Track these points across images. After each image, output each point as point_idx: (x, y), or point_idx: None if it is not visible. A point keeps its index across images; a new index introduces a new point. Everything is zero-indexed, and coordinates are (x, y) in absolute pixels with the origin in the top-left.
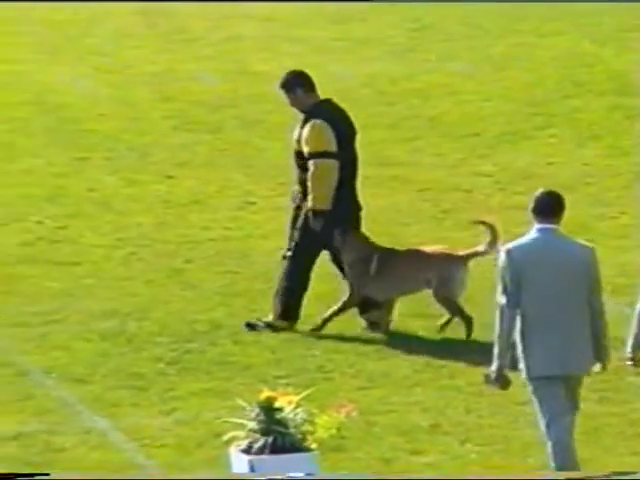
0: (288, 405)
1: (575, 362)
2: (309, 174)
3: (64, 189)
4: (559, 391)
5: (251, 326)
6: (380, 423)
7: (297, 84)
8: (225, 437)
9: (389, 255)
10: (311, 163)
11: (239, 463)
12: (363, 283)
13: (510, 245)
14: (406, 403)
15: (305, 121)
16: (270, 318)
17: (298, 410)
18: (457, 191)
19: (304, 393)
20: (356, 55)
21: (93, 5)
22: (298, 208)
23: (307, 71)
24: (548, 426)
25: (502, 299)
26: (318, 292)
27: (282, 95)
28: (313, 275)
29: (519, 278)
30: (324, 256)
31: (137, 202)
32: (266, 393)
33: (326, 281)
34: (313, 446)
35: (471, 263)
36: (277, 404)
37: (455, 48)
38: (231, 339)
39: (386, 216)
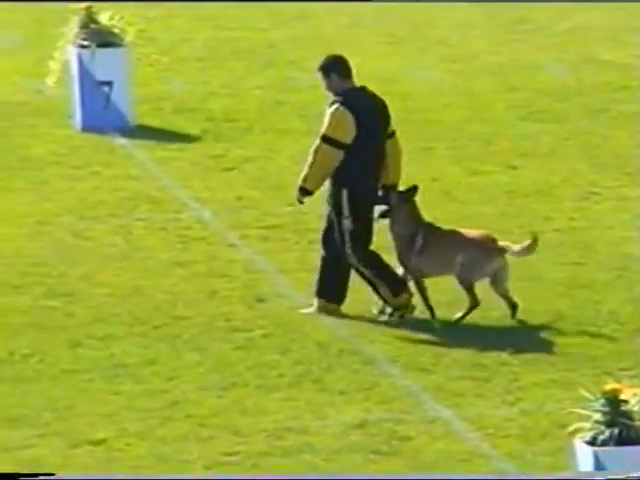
0: (633, 397)
1: None
2: (311, 150)
3: (409, 178)
4: None
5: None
6: None
7: (333, 69)
8: (569, 428)
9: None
10: (318, 143)
11: (583, 455)
12: (407, 258)
13: None
14: None
15: (332, 103)
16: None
17: None
18: None
19: None
20: None
21: None
22: None
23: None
24: None
25: None
26: None
27: (319, 78)
28: None
29: None
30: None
31: (480, 192)
32: (611, 385)
33: None
34: None
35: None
36: (622, 396)
37: None
38: (575, 330)
39: None
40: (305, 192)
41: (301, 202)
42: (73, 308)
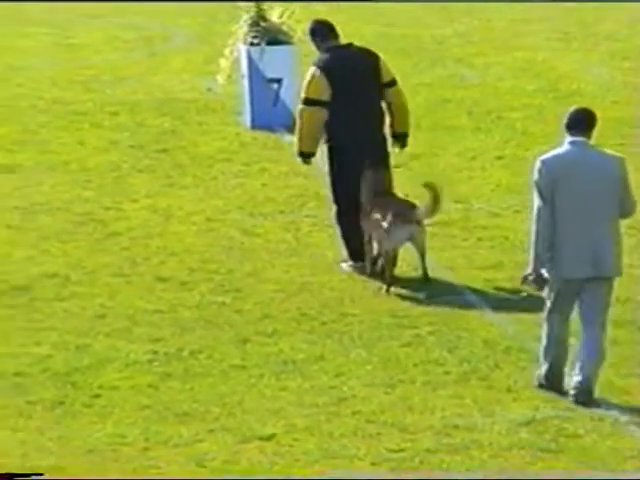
0: None
1: (606, 264)
2: (296, 117)
3: None
4: (577, 297)
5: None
6: None
7: (316, 31)
8: None
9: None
10: (299, 108)
11: None
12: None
13: (545, 156)
14: None
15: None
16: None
17: None
18: None
19: None
20: None
21: None
22: None
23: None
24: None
25: (539, 204)
26: None
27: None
28: None
29: (554, 185)
30: None
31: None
32: None
33: None
34: None
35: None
36: None
37: None
38: None
39: None
40: (303, 155)
41: (307, 163)
42: (241, 304)
